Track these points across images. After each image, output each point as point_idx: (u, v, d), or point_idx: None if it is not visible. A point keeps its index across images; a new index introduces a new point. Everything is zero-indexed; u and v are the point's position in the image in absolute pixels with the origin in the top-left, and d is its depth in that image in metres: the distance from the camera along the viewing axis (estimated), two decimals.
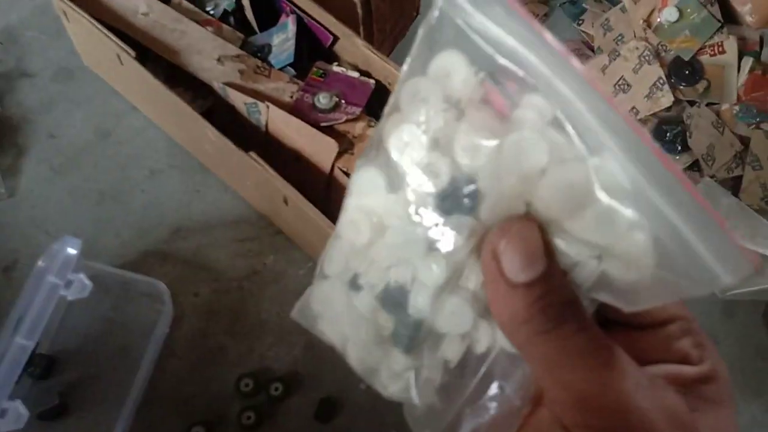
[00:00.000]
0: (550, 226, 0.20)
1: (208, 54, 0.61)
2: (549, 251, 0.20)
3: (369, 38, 0.65)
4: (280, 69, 0.62)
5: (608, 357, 0.20)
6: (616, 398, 0.19)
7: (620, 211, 0.19)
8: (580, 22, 0.77)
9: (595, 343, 0.20)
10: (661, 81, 0.68)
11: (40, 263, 0.54)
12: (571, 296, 0.20)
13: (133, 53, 0.58)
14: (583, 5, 0.78)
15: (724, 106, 0.69)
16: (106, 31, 0.59)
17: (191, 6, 0.65)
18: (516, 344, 0.21)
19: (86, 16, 0.60)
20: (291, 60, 0.62)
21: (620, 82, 0.70)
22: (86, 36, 0.64)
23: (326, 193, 0.59)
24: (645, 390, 0.20)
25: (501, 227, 0.20)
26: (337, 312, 0.26)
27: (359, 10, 0.61)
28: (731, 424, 0.22)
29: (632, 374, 0.20)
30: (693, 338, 0.23)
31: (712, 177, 0.66)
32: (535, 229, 0.20)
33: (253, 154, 0.55)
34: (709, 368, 0.22)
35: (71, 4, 0.60)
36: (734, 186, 0.67)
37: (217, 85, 0.59)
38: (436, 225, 0.22)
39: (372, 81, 0.61)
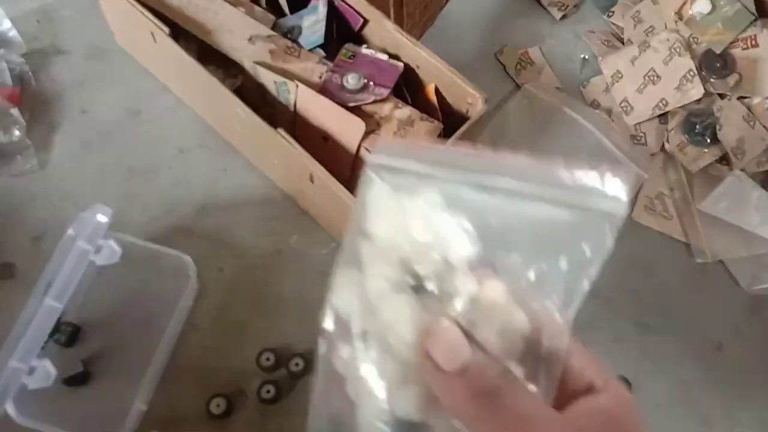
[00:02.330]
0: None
1: (239, 34, 0.62)
2: (474, 342, 0.24)
3: (398, 21, 0.65)
4: (310, 50, 0.62)
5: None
6: None
7: None
8: (611, 14, 0.77)
9: (513, 416, 0.24)
10: (692, 73, 0.67)
11: (70, 231, 0.55)
12: (497, 378, 0.24)
13: (167, 30, 0.59)
14: None
15: (756, 100, 0.68)
16: (141, 8, 0.60)
17: None
18: (467, 425, 0.24)
19: None
20: (321, 42, 0.63)
21: (650, 74, 0.69)
22: (121, 14, 0.65)
23: (352, 173, 0.59)
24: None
25: (425, 332, 0.24)
26: None
27: None
28: None
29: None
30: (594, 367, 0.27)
31: (741, 170, 0.65)
32: (453, 327, 0.24)
33: (281, 130, 0.56)
34: (607, 393, 0.26)
35: None
36: (764, 179, 0.66)
37: (247, 64, 0.60)
38: None
39: (401, 64, 0.61)
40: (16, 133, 0.66)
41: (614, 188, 0.23)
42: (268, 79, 0.60)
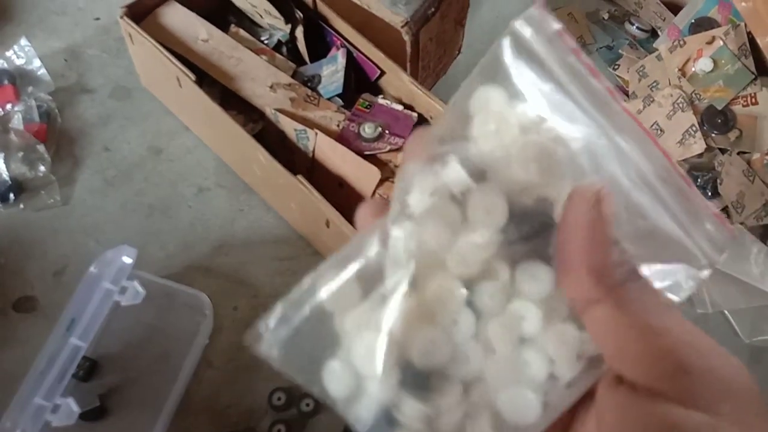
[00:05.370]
0: None
1: (261, 81, 0.64)
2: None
3: (414, 74, 0.68)
4: (329, 99, 0.65)
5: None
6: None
7: None
8: (616, 66, 0.80)
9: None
10: (694, 128, 0.70)
11: (92, 269, 0.57)
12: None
13: (193, 77, 0.62)
14: (620, 51, 0.81)
15: (755, 156, 0.70)
16: (168, 54, 0.63)
17: (247, 35, 0.69)
18: (597, 295, 0.21)
19: (151, 39, 0.64)
20: (339, 91, 0.65)
21: (653, 127, 0.72)
22: (148, 58, 0.68)
23: None
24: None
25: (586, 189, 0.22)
26: None
27: (408, 49, 0.64)
28: None
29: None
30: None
31: (741, 224, 0.67)
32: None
33: (300, 177, 0.58)
34: None
35: (138, 27, 0.64)
36: (763, 233, 0.68)
37: (269, 111, 0.63)
38: None
39: (415, 114, 0.64)
40: (41, 168, 0.69)
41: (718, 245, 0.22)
42: (288, 126, 0.62)
